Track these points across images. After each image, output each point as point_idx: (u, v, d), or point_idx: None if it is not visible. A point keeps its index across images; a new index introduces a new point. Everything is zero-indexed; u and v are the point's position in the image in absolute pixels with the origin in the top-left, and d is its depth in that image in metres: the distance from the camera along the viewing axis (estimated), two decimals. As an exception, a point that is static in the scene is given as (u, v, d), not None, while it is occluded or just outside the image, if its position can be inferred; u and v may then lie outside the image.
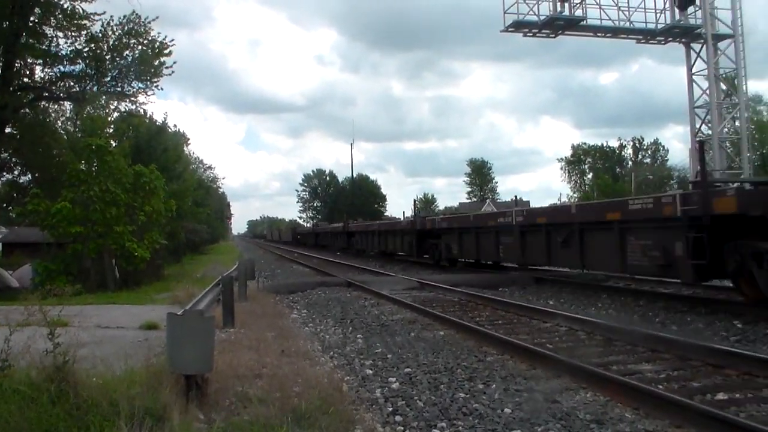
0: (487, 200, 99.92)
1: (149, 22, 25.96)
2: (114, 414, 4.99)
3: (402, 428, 5.90)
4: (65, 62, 26.75)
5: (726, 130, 30.51)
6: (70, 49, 26.15)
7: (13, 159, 30.60)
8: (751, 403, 6.24)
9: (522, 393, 6.85)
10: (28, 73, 27.57)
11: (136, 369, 6.41)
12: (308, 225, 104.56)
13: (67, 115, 35.02)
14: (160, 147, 38.10)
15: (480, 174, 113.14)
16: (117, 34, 25.93)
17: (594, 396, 6.64)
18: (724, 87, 30.63)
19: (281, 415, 5.48)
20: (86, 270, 21.86)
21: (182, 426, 4.95)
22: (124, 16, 25.72)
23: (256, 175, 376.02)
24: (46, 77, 27.66)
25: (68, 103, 30.76)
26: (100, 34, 25.71)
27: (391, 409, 6.48)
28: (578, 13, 29.84)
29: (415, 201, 38.92)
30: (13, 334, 5.83)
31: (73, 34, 25.56)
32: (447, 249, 25.43)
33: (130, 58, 26.67)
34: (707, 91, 29.84)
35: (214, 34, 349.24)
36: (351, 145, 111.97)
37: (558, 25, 30.34)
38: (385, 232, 35.38)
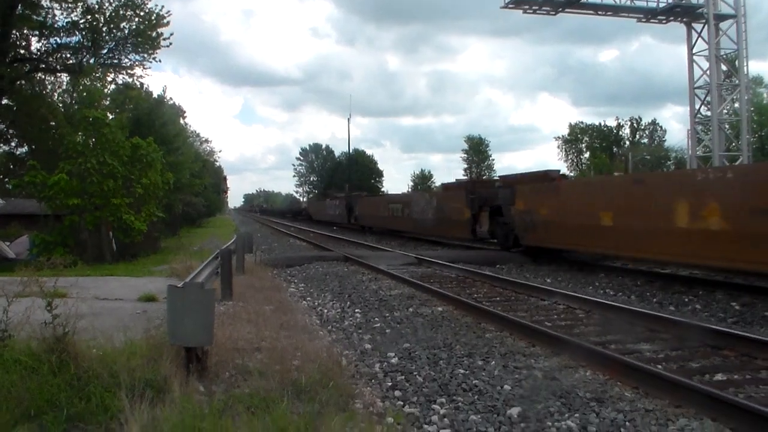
0: (484, 178, 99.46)
1: (146, -7, 25.71)
2: (115, 385, 4.99)
3: (401, 403, 5.89)
4: (61, 34, 26.57)
5: (726, 111, 30.52)
6: (66, 20, 25.97)
7: (10, 131, 30.45)
8: (750, 384, 6.26)
9: (521, 370, 6.85)
10: (23, 44, 27.36)
11: (135, 341, 6.41)
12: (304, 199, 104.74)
13: (64, 87, 34.79)
14: (159, 120, 37.89)
15: (477, 151, 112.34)
16: (113, 5, 25.71)
17: (593, 375, 6.64)
18: (724, 68, 30.58)
19: (281, 388, 5.49)
20: (83, 242, 21.82)
21: (183, 398, 4.94)
22: (121, -13, 25.46)
23: (252, 148, 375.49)
24: (42, 49, 27.48)
25: (65, 75, 30.52)
26: (97, 6, 25.51)
27: (390, 383, 6.49)
28: (580, -10, 29.76)
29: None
30: (12, 305, 5.81)
31: (69, 5, 25.33)
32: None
33: (126, 30, 26.45)
34: (707, 72, 29.78)
35: (207, 4, 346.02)
36: (348, 120, 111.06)
37: (559, 2, 30.24)
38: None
